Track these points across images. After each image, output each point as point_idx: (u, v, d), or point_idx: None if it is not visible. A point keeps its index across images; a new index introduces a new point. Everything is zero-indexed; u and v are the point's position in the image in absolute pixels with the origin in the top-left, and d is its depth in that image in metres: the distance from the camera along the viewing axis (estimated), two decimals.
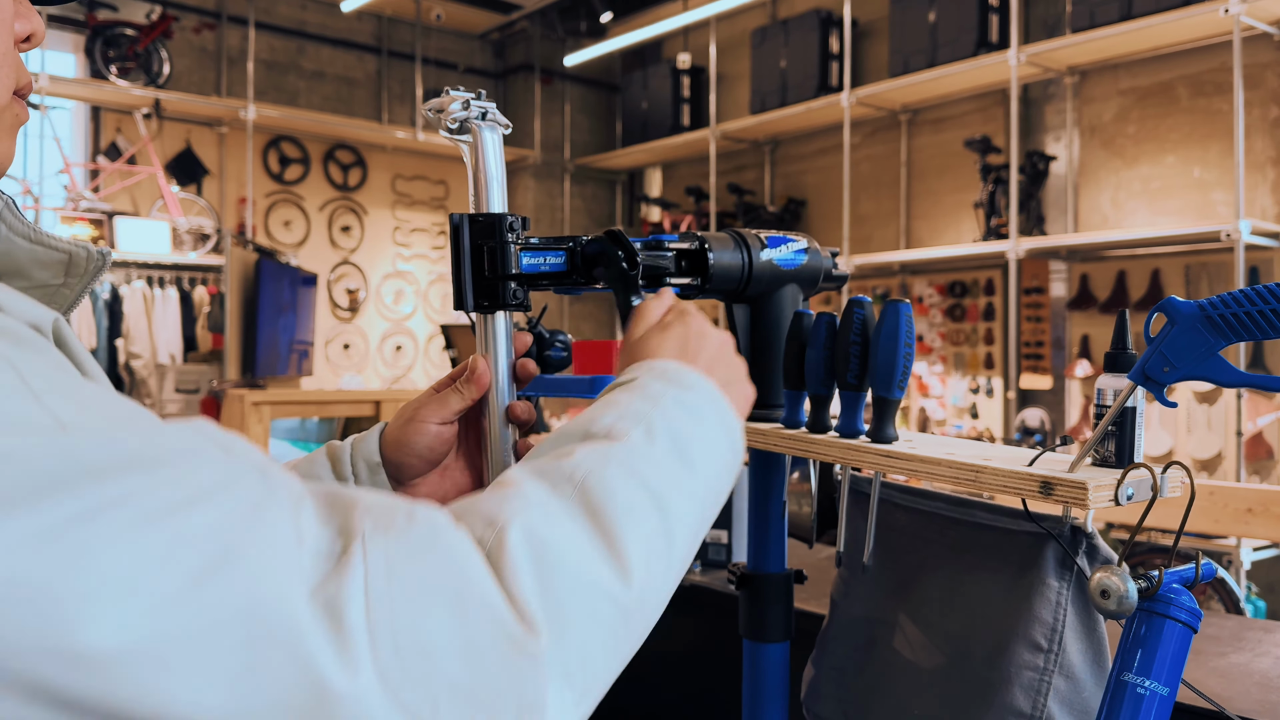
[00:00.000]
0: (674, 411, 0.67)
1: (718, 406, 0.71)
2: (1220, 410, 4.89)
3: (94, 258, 0.64)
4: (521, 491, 0.57)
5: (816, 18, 6.48)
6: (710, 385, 0.72)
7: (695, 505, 0.65)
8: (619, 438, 0.63)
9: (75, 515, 0.41)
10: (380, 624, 0.46)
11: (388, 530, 0.50)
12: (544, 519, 0.55)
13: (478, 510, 0.55)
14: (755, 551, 1.22)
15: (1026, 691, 0.94)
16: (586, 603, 0.54)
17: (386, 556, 0.48)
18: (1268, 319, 0.75)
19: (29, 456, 0.41)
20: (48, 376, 0.45)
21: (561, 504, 0.57)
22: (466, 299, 0.84)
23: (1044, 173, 5.60)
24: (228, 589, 0.43)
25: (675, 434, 0.66)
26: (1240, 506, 3.46)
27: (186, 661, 0.42)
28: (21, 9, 0.61)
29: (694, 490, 0.65)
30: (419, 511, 0.52)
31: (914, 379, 6.26)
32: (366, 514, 0.51)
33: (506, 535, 0.53)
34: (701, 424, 0.68)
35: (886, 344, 0.93)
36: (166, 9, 6.66)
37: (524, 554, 0.52)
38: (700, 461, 0.66)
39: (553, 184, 8.43)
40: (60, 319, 0.53)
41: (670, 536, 0.61)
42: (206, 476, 0.46)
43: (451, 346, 4.64)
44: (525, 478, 0.59)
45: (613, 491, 0.59)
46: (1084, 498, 0.79)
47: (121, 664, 0.40)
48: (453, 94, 0.82)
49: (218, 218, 6.81)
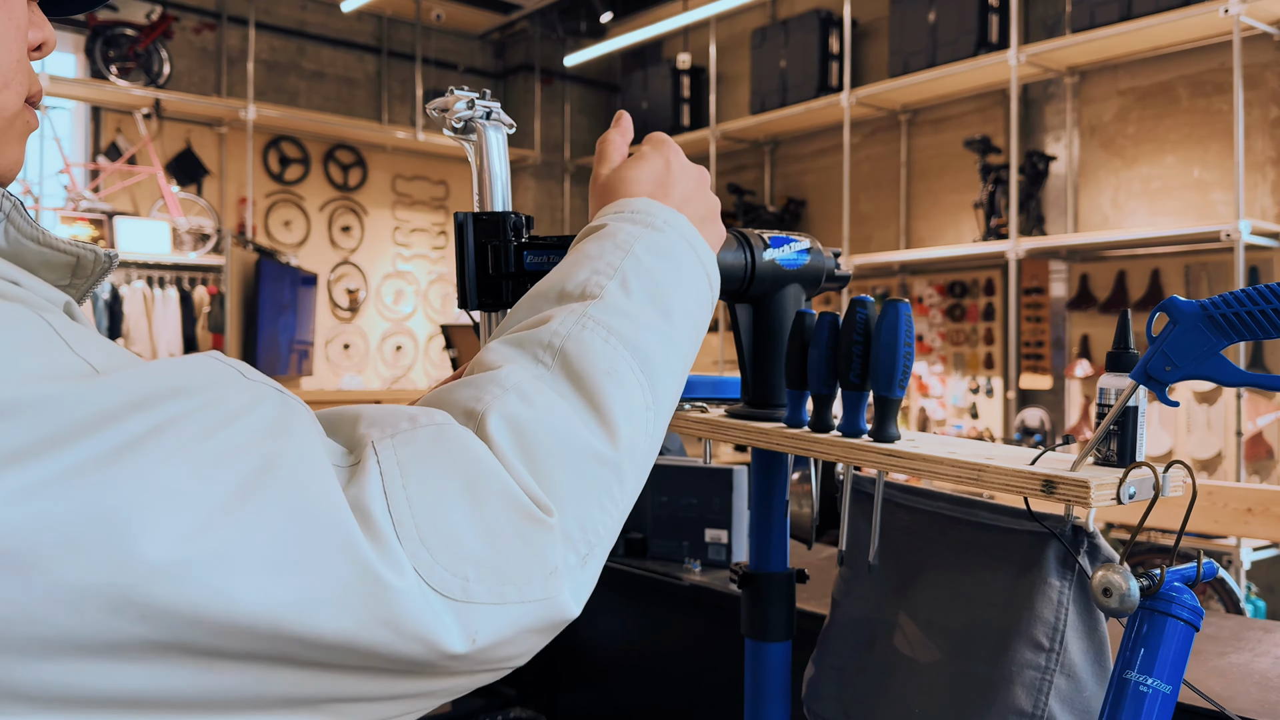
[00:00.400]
0: (647, 258, 0.68)
1: (693, 244, 0.72)
2: (1220, 410, 4.89)
3: (100, 260, 0.65)
4: (494, 377, 0.59)
5: (816, 18, 6.48)
6: (683, 222, 0.72)
7: (675, 351, 0.66)
8: (594, 294, 0.64)
9: (126, 443, 0.44)
10: (402, 519, 0.50)
11: (394, 435, 0.53)
12: (521, 402, 0.57)
13: (456, 401, 0.58)
14: (757, 551, 1.22)
15: (1028, 690, 0.94)
16: (577, 471, 0.57)
17: (397, 458, 0.52)
18: (1269, 319, 0.75)
19: (76, 398, 0.44)
20: (74, 330, 0.48)
21: (542, 375, 0.59)
22: (470, 297, 0.84)
23: (1044, 173, 5.61)
24: (276, 493, 0.47)
25: (650, 281, 0.67)
26: (1240, 506, 3.46)
27: (247, 560, 0.45)
28: (35, 18, 0.62)
29: (672, 335, 0.66)
30: (421, 415, 0.55)
31: (914, 379, 6.27)
32: (372, 424, 0.54)
33: (486, 425, 0.55)
34: (677, 266, 0.69)
35: (887, 344, 0.93)
36: (166, 9, 6.67)
37: (507, 441, 0.55)
38: (677, 306, 0.67)
39: (553, 184, 8.43)
40: (71, 301, 0.56)
41: (654, 388, 0.63)
42: (235, 397, 0.49)
43: (452, 346, 4.64)
44: (504, 352, 0.61)
45: (593, 355, 0.60)
46: (1086, 496, 0.79)
47: (188, 567, 0.43)
48: (457, 93, 0.82)
49: (218, 218, 6.81)
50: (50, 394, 0.44)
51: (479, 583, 0.51)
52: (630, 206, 0.72)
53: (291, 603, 0.46)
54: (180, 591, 0.44)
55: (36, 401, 0.43)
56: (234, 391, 0.50)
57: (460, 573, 0.51)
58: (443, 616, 0.50)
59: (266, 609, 0.45)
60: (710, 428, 1.12)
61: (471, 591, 0.51)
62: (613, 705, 1.94)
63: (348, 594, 0.47)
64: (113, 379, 0.46)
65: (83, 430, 0.43)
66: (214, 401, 0.48)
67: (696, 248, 0.72)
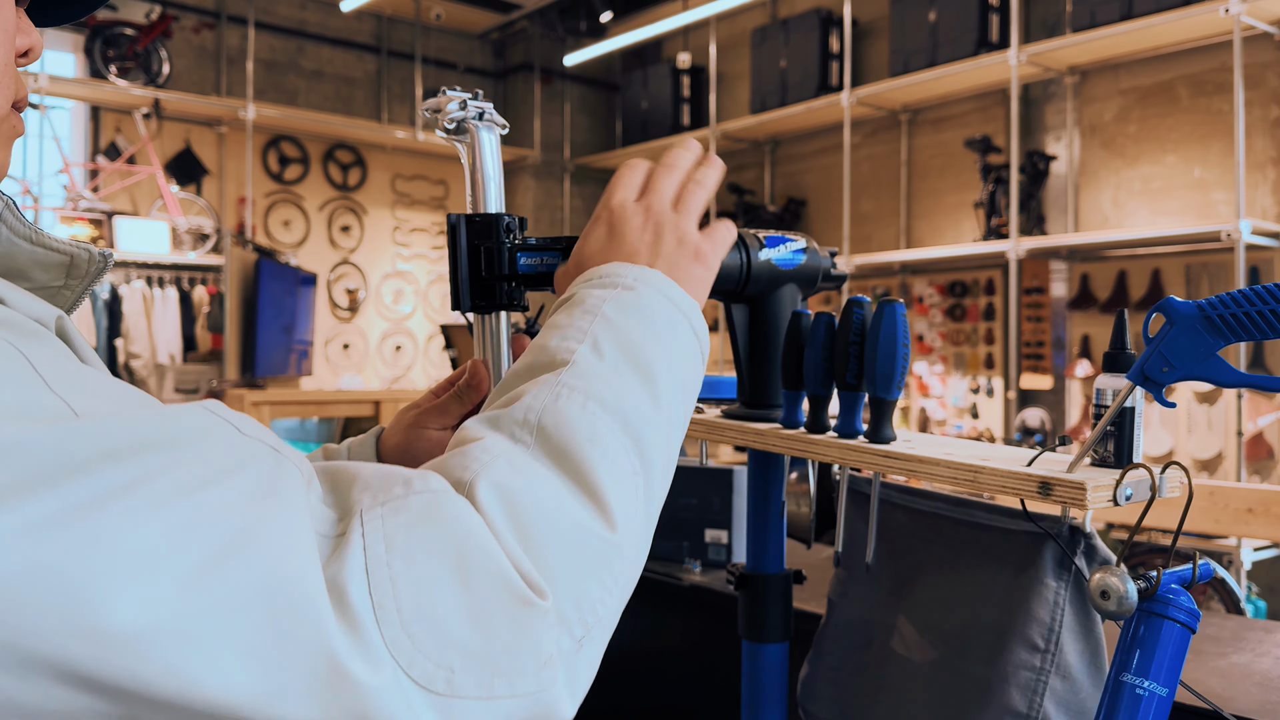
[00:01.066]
0: (618, 317, 0.64)
1: (668, 295, 0.67)
2: (1220, 410, 4.89)
3: (95, 259, 0.63)
4: (481, 446, 0.55)
5: (816, 17, 6.48)
6: (652, 275, 0.67)
7: (663, 414, 0.62)
8: (564, 363, 0.61)
9: (93, 498, 0.41)
10: (384, 600, 0.46)
11: (385, 502, 0.50)
12: (510, 470, 0.54)
13: (445, 471, 0.54)
14: (754, 552, 1.21)
15: (1023, 691, 0.94)
16: (571, 546, 0.53)
17: (384, 530, 0.48)
18: (1267, 319, 0.74)
19: (44, 443, 0.41)
20: (56, 365, 0.46)
21: (523, 453, 0.55)
22: (464, 299, 0.84)
23: (1044, 172, 5.60)
24: (249, 566, 0.43)
25: (625, 340, 0.62)
26: (1240, 506, 3.46)
27: (211, 639, 0.42)
28: (23, 24, 0.61)
29: (659, 396, 0.62)
30: (416, 480, 0.52)
31: (914, 379, 6.26)
32: (365, 489, 0.51)
33: (476, 493, 0.52)
34: (652, 321, 0.65)
35: (884, 345, 0.92)
36: (166, 9, 6.66)
37: (497, 509, 0.51)
38: (660, 362, 0.63)
39: (552, 184, 8.42)
40: (63, 315, 0.53)
41: (642, 453, 0.59)
42: (222, 455, 0.46)
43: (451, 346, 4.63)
44: (481, 430, 0.58)
45: (572, 426, 0.57)
46: (1082, 498, 0.78)
47: (146, 642, 0.40)
48: (450, 94, 0.81)
49: (217, 218, 6.81)
50: (14, 436, 0.40)
51: (465, 674, 0.47)
52: (595, 273, 0.68)
53: (255, 692, 0.42)
54: (135, 665, 0.40)
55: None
56: (222, 449, 0.47)
57: (445, 663, 0.47)
58: (422, 714, 0.46)
59: (227, 694, 0.42)
60: (706, 428, 1.11)
61: (456, 685, 0.47)
62: (612, 705, 1.93)
63: (317, 685, 0.43)
64: (87, 425, 0.43)
65: (46, 479, 0.40)
66: (196, 458, 0.45)
67: (673, 298, 0.67)
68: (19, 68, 0.62)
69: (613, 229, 0.72)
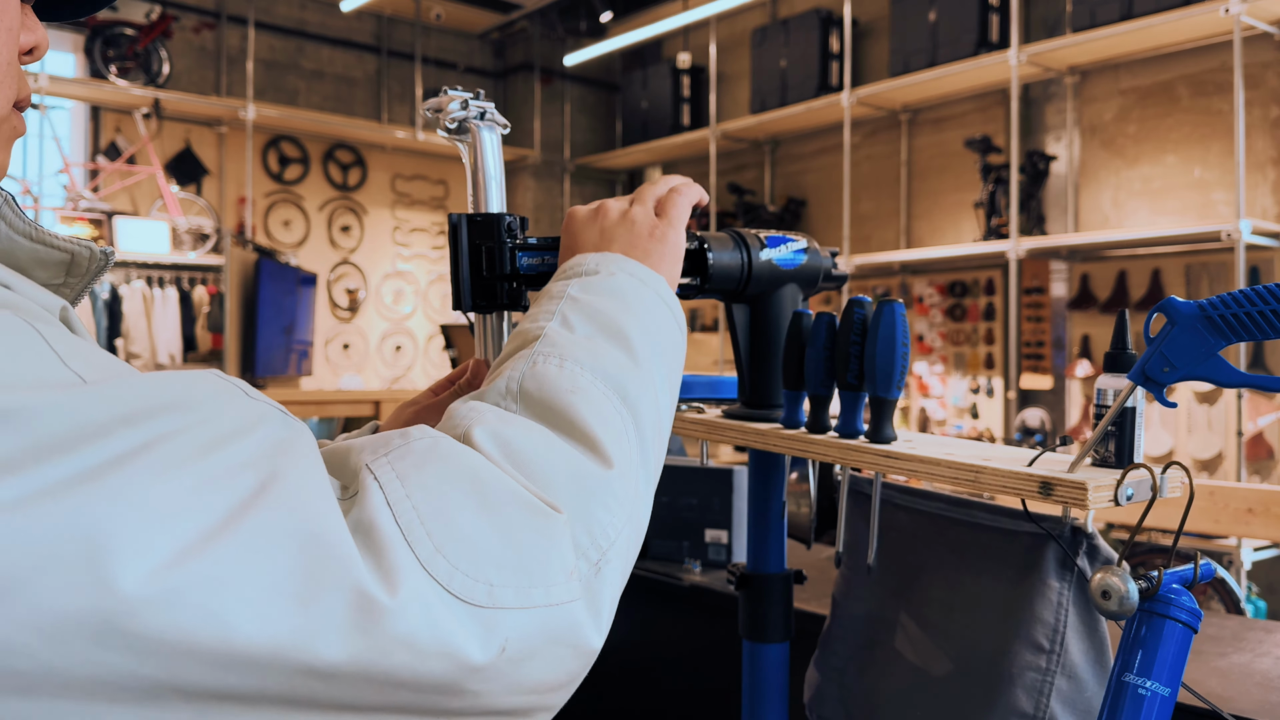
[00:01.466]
0: (582, 295, 0.67)
1: (627, 270, 0.70)
2: (1221, 410, 4.89)
3: (96, 257, 0.63)
4: (466, 408, 0.58)
5: (816, 17, 6.48)
6: (610, 256, 0.71)
7: (643, 368, 0.64)
8: (535, 337, 0.63)
9: (113, 458, 0.41)
10: (411, 527, 0.48)
11: (387, 452, 0.52)
12: (500, 422, 0.56)
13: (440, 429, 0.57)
14: (755, 552, 1.21)
15: (1029, 692, 0.94)
16: (569, 476, 0.55)
17: (395, 471, 0.50)
18: (1268, 319, 0.74)
19: (63, 409, 0.42)
20: (68, 342, 0.46)
21: (510, 416, 0.58)
22: (465, 299, 0.84)
23: (1044, 172, 5.60)
24: (274, 514, 0.44)
25: (591, 313, 0.65)
26: (1241, 506, 3.46)
27: (244, 586, 0.42)
28: (28, 21, 0.60)
29: (635, 354, 0.64)
30: (412, 431, 0.54)
31: (914, 379, 6.26)
32: (362, 450, 0.53)
33: (473, 437, 0.54)
34: (615, 294, 0.68)
35: (883, 345, 0.92)
36: (166, 9, 6.66)
37: (495, 450, 0.54)
38: (629, 326, 0.65)
39: (552, 184, 8.42)
40: (67, 306, 0.54)
41: (628, 401, 0.61)
42: (236, 415, 0.47)
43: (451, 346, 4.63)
44: (466, 404, 0.60)
45: (551, 382, 0.59)
46: (1083, 498, 0.78)
47: (179, 594, 0.41)
48: (451, 94, 0.81)
49: (217, 218, 6.81)
50: (33, 404, 0.41)
51: (503, 586, 0.48)
52: (561, 270, 0.72)
53: (294, 629, 0.43)
54: (170, 619, 0.40)
55: (17, 411, 0.40)
56: (235, 409, 0.47)
57: (483, 577, 0.48)
58: (467, 625, 0.47)
59: (267, 636, 0.42)
60: (706, 428, 1.11)
61: (497, 596, 0.48)
62: (612, 705, 1.93)
63: (355, 618, 0.44)
64: (102, 389, 0.43)
65: (66, 444, 0.41)
66: (212, 417, 0.46)
67: (634, 272, 0.70)
68: (23, 65, 0.61)
69: (570, 232, 0.77)
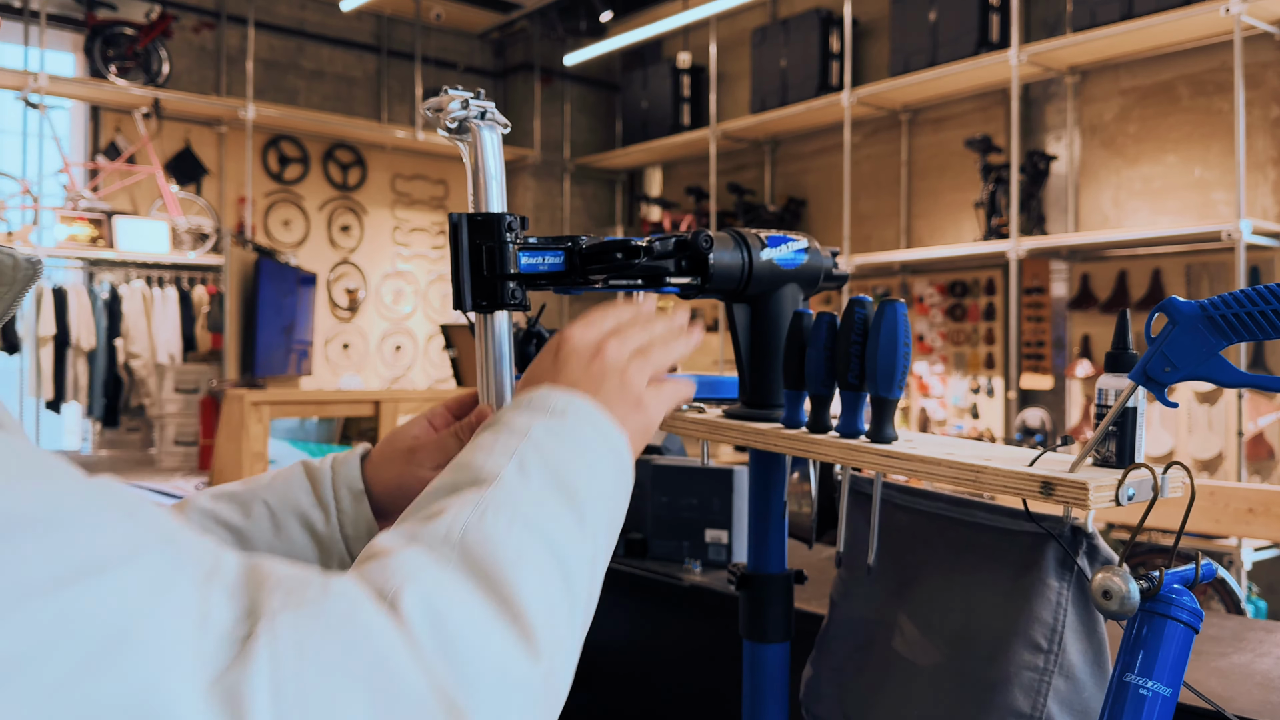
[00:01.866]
0: (546, 441, 0.62)
1: (595, 425, 0.65)
2: (1221, 410, 4.88)
3: (21, 266, 0.59)
4: (402, 557, 0.51)
5: (817, 17, 6.48)
6: (582, 403, 0.66)
7: (588, 543, 0.60)
8: (489, 481, 0.58)
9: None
10: (289, 714, 0.42)
11: (299, 606, 0.45)
12: (434, 586, 0.50)
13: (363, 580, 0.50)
14: (755, 552, 1.21)
15: (1026, 692, 0.94)
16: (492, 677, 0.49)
17: (296, 636, 0.44)
18: (1269, 319, 0.74)
19: None
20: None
21: (446, 571, 0.52)
22: (465, 299, 0.83)
23: (1045, 172, 5.60)
24: (119, 679, 0.38)
25: (550, 465, 0.61)
26: (1241, 507, 3.46)
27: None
28: None
29: (585, 523, 0.60)
30: (334, 584, 0.48)
31: (915, 379, 6.26)
32: (277, 588, 0.46)
33: (400, 606, 0.48)
34: (578, 448, 0.63)
35: (885, 345, 0.92)
36: (166, 8, 6.66)
37: (425, 628, 0.48)
38: (585, 489, 0.61)
39: (552, 183, 8.42)
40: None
41: (569, 579, 0.56)
42: (106, 545, 0.41)
43: (451, 346, 4.63)
44: (399, 544, 0.53)
45: (496, 545, 0.54)
46: (1085, 498, 0.78)
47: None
48: (451, 93, 0.81)
49: (217, 217, 6.80)
50: None
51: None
52: (526, 398, 0.66)
53: None
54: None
55: None
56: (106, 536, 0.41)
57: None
58: None
59: None
60: (707, 428, 1.11)
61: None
62: (612, 705, 1.93)
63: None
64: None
65: None
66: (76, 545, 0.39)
67: (602, 429, 0.65)
68: None
69: (559, 358, 0.72)
